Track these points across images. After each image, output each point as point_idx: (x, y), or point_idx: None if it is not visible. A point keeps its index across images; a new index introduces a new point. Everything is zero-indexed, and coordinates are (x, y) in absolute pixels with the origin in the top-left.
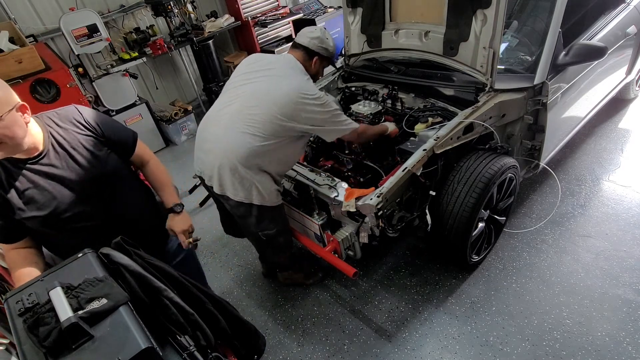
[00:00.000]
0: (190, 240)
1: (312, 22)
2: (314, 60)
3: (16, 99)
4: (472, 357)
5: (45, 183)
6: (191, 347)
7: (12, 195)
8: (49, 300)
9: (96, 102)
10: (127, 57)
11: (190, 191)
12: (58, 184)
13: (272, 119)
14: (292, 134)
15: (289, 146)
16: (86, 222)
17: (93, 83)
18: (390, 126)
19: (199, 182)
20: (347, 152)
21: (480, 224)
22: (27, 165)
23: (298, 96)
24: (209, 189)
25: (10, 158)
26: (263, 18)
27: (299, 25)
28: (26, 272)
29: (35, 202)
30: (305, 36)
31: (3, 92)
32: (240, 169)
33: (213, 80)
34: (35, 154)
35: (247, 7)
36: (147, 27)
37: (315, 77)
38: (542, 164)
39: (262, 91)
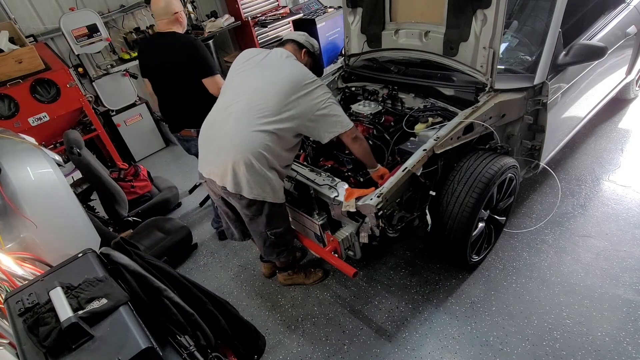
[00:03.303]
0: None
1: (312, 22)
2: (303, 52)
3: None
4: (472, 357)
5: None
6: (191, 347)
7: None
8: (49, 300)
9: (96, 102)
10: (127, 57)
11: (190, 191)
12: None
13: (280, 110)
14: (295, 130)
15: (290, 142)
16: None
17: (93, 83)
18: (382, 170)
19: (199, 182)
20: (347, 152)
21: (480, 224)
22: None
23: (301, 80)
24: (218, 190)
25: None
26: (263, 18)
27: (299, 25)
28: None
29: None
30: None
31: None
32: (256, 165)
33: None
34: None
35: (247, 7)
36: (147, 27)
37: None
38: (542, 164)
39: (266, 84)
